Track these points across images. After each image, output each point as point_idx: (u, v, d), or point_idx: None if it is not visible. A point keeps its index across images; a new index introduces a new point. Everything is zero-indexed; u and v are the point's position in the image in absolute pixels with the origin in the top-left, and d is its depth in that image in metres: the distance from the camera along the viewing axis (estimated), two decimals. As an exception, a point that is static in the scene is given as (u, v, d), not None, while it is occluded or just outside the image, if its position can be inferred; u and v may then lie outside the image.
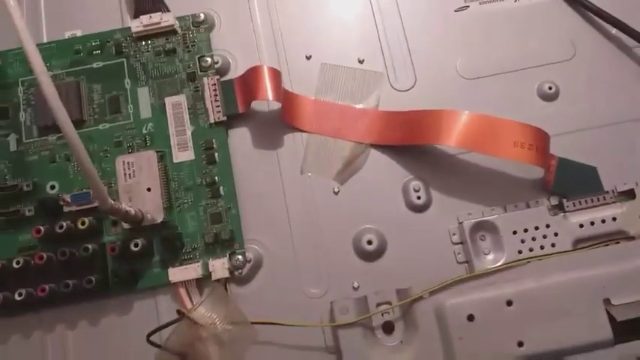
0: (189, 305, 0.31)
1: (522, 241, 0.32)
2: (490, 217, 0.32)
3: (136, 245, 0.31)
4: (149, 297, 0.32)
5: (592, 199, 0.32)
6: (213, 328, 0.30)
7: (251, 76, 0.34)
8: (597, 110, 0.35)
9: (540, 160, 0.31)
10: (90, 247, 0.31)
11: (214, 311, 0.30)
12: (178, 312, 0.31)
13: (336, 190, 0.34)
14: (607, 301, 0.29)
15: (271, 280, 0.33)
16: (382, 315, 0.31)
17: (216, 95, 0.35)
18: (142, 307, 0.32)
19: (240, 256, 0.32)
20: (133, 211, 0.31)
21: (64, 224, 0.32)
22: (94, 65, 0.36)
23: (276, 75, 0.34)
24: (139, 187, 0.33)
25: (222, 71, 0.36)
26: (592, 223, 0.32)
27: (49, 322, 0.32)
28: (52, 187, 0.33)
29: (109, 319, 0.32)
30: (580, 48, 0.36)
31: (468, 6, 0.37)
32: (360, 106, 0.35)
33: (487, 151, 0.32)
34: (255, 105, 0.35)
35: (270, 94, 0.33)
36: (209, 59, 0.36)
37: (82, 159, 0.25)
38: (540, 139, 0.32)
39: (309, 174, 0.34)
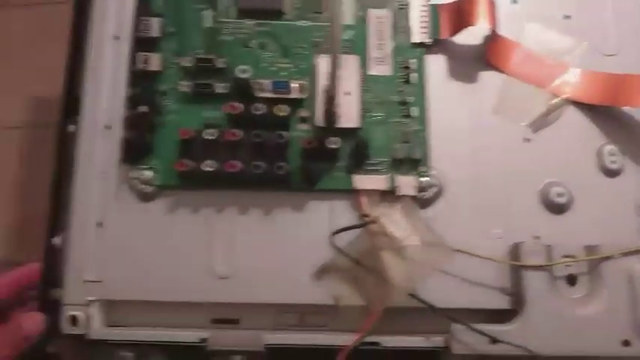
0: (374, 213, 0.30)
1: None
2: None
3: (333, 143, 0.30)
4: (326, 199, 0.31)
5: None
6: (399, 240, 0.29)
7: (466, 3, 0.33)
8: None
9: None
10: (284, 134, 0.30)
11: (404, 224, 0.29)
12: (365, 216, 0.30)
13: (528, 137, 0.33)
14: None
15: (449, 210, 0.32)
16: (565, 267, 0.30)
17: (423, 15, 0.34)
18: (317, 207, 0.31)
19: (426, 179, 0.31)
20: (328, 108, 0.30)
21: (261, 106, 0.31)
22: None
23: (491, 6, 0.33)
24: (338, 89, 0.32)
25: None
26: None
27: (223, 202, 0.31)
28: (243, 71, 0.32)
29: (281, 212, 0.31)
30: None
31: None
32: (564, 61, 0.34)
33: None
34: (460, 36, 0.34)
35: (484, 23, 0.32)
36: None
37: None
38: None
39: (502, 115, 0.33)
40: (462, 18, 0.33)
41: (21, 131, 0.47)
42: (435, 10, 0.34)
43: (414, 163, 0.32)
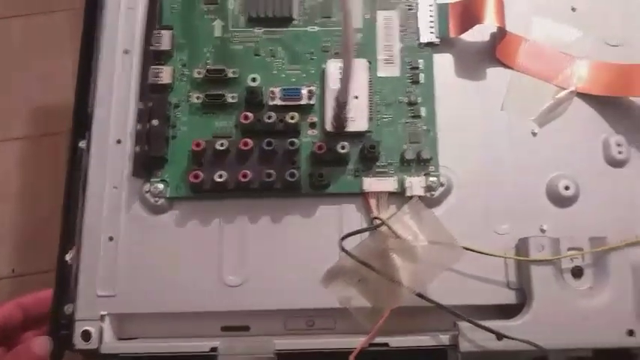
0: (383, 215, 0.31)
1: None
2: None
3: (343, 147, 0.31)
4: (335, 203, 0.32)
5: None
6: (408, 241, 0.30)
7: (474, 1, 0.33)
8: None
9: None
10: (296, 141, 0.32)
11: (412, 224, 0.31)
12: (376, 219, 0.31)
13: (535, 131, 0.34)
14: None
15: (458, 208, 0.32)
16: (572, 260, 0.31)
17: (431, 16, 0.34)
18: (327, 212, 0.32)
19: (435, 178, 0.32)
20: (339, 111, 0.31)
21: (272, 115, 0.32)
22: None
23: (500, 3, 0.33)
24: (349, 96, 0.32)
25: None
26: None
27: (234, 211, 0.32)
28: (254, 80, 0.33)
29: (292, 218, 0.32)
30: None
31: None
32: (570, 52, 0.35)
33: None
34: (464, 35, 0.34)
35: (492, 20, 0.33)
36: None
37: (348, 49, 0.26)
38: None
39: (510, 111, 0.34)
40: (470, 16, 0.34)
41: (22, 142, 0.48)
42: (442, 9, 0.35)
43: (422, 163, 0.32)
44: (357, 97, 0.33)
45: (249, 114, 0.32)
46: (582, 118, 0.34)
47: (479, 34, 0.35)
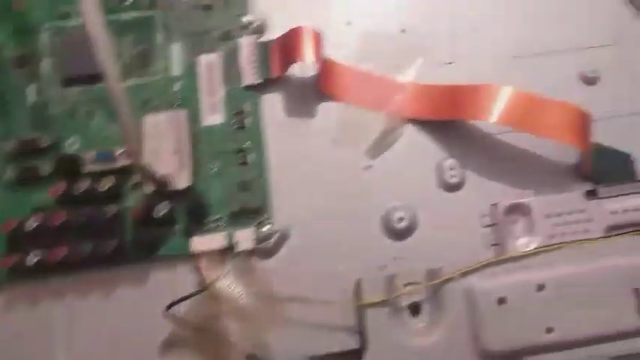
0: (211, 277, 0.30)
1: (555, 226, 0.31)
2: (524, 200, 0.31)
3: (161, 210, 0.30)
4: (168, 267, 0.31)
5: (627, 186, 0.32)
6: (236, 302, 0.29)
7: (291, 37, 0.32)
8: (637, 96, 0.34)
9: (580, 142, 0.31)
10: (112, 208, 0.30)
11: (238, 284, 0.30)
12: (200, 284, 0.30)
13: (369, 164, 0.33)
14: (637, 291, 0.29)
15: (297, 254, 0.31)
16: (409, 296, 0.30)
17: (252, 56, 0.33)
18: (160, 277, 0.31)
19: (267, 228, 0.31)
20: (158, 175, 0.30)
21: (86, 183, 0.30)
22: (125, 16, 0.34)
23: (317, 38, 0.32)
24: (166, 149, 0.31)
25: (259, 32, 0.34)
26: (626, 211, 0.32)
27: (60, 289, 0.30)
28: (72, 145, 0.32)
29: (124, 290, 0.31)
30: (626, 32, 0.35)
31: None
32: (399, 78, 0.34)
33: (527, 129, 0.31)
34: (291, 71, 0.33)
35: (310, 57, 0.32)
36: (247, 18, 0.34)
37: (121, 109, 0.24)
38: (582, 120, 0.31)
39: (342, 146, 0.33)
40: (289, 54, 0.32)
41: None
42: (262, 48, 0.34)
43: (254, 213, 0.31)
44: (176, 152, 0.31)
45: (59, 185, 0.30)
46: (415, 145, 0.33)
47: (306, 69, 0.34)
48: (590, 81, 0.34)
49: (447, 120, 0.33)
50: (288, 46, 0.32)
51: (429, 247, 0.32)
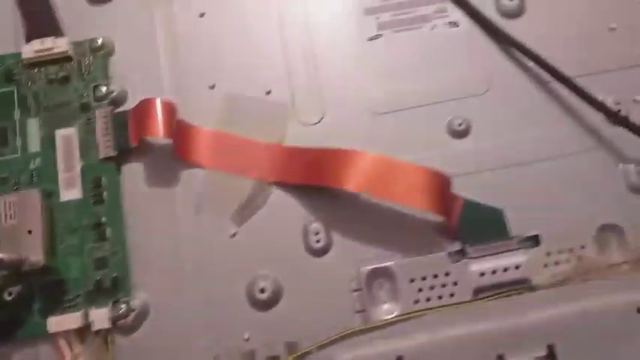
0: (70, 357, 0.30)
1: (420, 290, 0.30)
2: (387, 264, 0.30)
3: (10, 294, 0.30)
4: (29, 347, 0.30)
5: (496, 245, 0.31)
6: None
7: (141, 110, 0.32)
8: (507, 149, 0.33)
9: (437, 206, 0.30)
10: (-40, 295, 0.30)
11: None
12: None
13: (233, 232, 0.32)
14: (500, 358, 0.28)
15: (158, 330, 0.31)
16: (269, 371, 0.29)
17: (107, 128, 0.33)
18: (24, 358, 0.30)
19: (124, 305, 0.30)
20: (8, 258, 0.29)
21: None
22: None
23: (169, 108, 0.32)
24: (20, 230, 0.31)
25: (118, 101, 0.34)
26: (494, 272, 0.30)
27: None
28: None
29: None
30: (495, 82, 0.34)
31: (382, 34, 0.36)
32: (263, 140, 0.33)
33: (383, 195, 0.30)
34: (151, 139, 0.33)
35: (161, 131, 0.31)
36: (104, 88, 0.34)
37: None
38: (439, 184, 0.30)
39: (205, 214, 0.32)
40: (140, 127, 0.32)
41: None
42: (118, 119, 0.33)
43: (110, 290, 0.31)
44: (30, 232, 0.31)
45: None
46: (281, 210, 0.32)
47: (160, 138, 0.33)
48: (459, 134, 0.33)
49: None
50: (139, 118, 0.32)
51: (294, 317, 0.31)
